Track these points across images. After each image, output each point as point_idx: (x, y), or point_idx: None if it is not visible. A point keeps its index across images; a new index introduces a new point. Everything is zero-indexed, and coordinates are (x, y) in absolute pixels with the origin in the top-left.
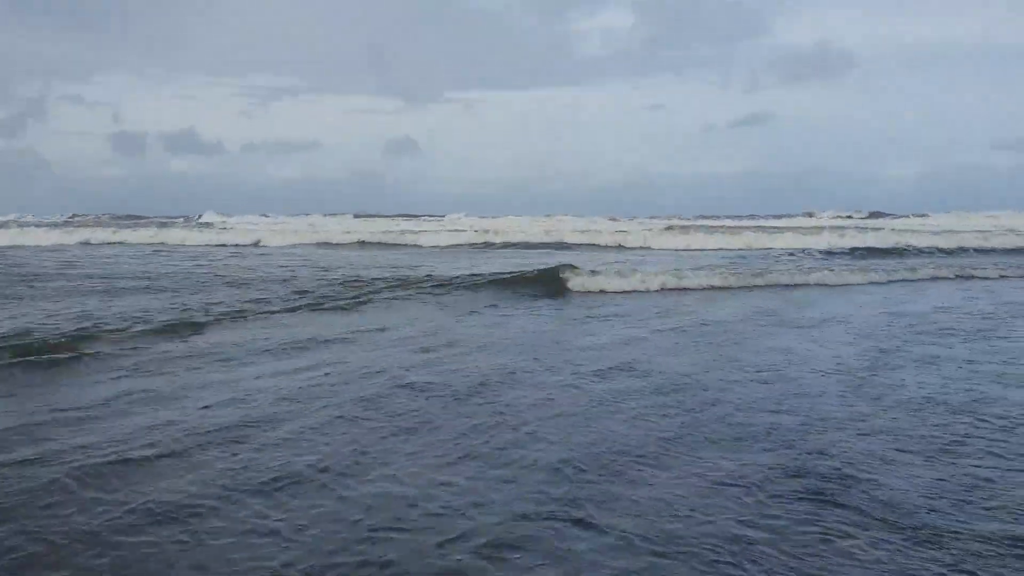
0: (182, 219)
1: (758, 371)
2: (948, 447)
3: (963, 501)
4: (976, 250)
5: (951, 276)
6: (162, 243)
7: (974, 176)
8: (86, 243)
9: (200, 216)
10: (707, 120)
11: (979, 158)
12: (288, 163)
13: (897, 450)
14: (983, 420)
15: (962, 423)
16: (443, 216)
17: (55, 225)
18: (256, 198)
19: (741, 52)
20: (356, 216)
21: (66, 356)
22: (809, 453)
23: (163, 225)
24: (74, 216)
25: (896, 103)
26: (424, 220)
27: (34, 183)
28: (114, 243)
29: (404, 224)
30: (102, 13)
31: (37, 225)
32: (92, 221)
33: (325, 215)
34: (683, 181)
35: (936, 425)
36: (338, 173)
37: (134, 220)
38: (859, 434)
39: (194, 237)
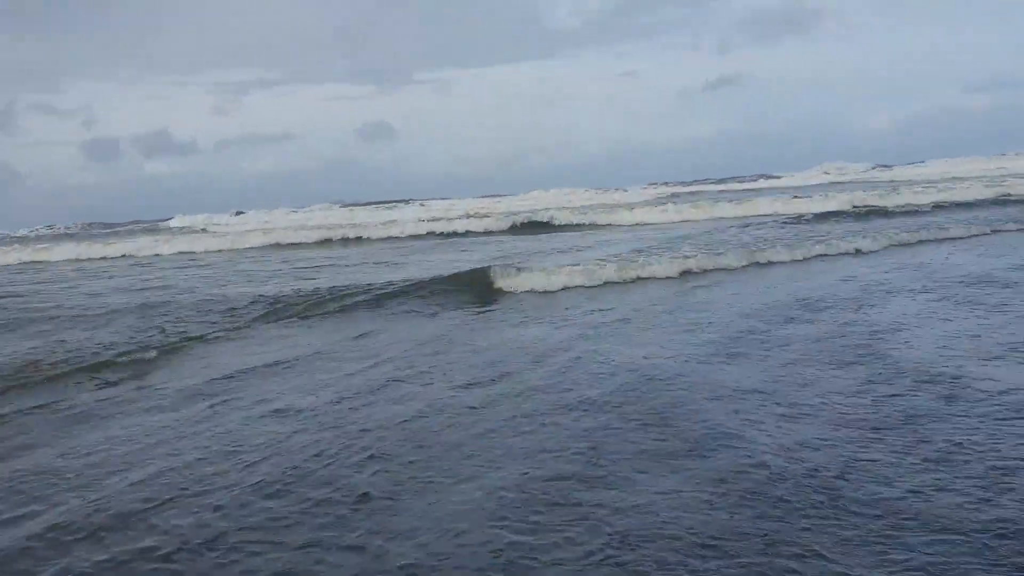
0: (171, 220)
1: (592, 377)
2: (588, 451)
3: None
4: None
5: (911, 242)
6: (127, 255)
7: (951, 120)
8: (38, 263)
9: (169, 220)
10: (682, 84)
11: (954, 101)
12: (264, 157)
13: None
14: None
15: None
16: (423, 201)
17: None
18: (234, 194)
19: (711, 13)
20: (343, 205)
21: None
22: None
23: (131, 233)
24: (50, 227)
25: (867, 52)
26: (399, 207)
27: (6, 196)
28: (73, 260)
29: (381, 214)
30: (66, 16)
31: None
32: (57, 233)
33: (293, 210)
34: (665, 146)
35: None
36: (316, 163)
37: (108, 228)
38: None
39: (152, 247)
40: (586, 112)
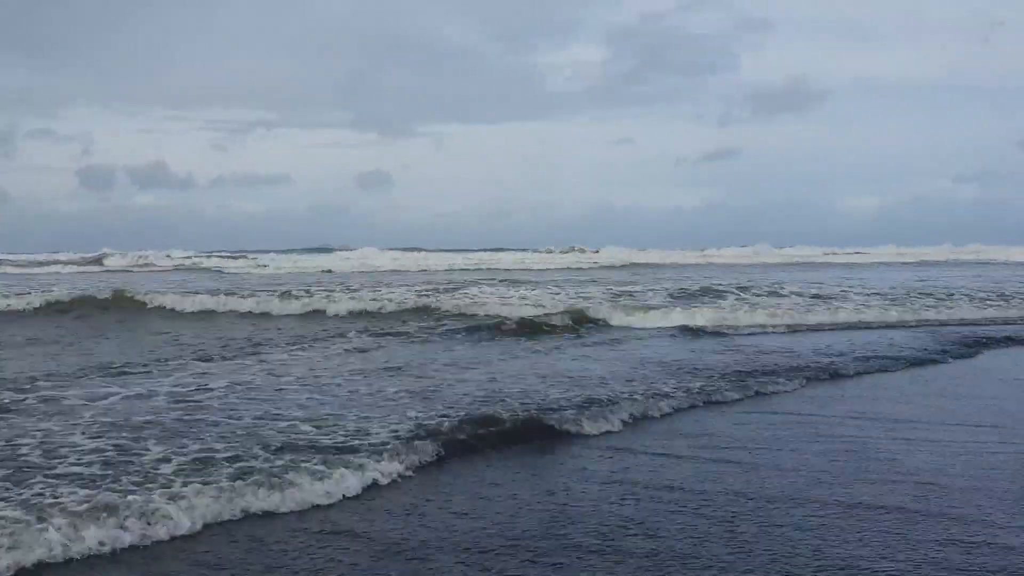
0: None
1: None
2: None
3: None
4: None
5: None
6: None
7: (938, 208)
8: None
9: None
10: (678, 154)
11: (942, 191)
12: (259, 196)
13: None
14: None
15: None
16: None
17: None
18: (226, 232)
19: (710, 87)
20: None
21: None
22: None
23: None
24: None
25: (864, 137)
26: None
27: None
28: None
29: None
30: (71, 46)
31: None
32: None
33: (231, 253)
34: (655, 214)
35: None
36: (310, 206)
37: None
38: None
39: None
40: (579, 174)
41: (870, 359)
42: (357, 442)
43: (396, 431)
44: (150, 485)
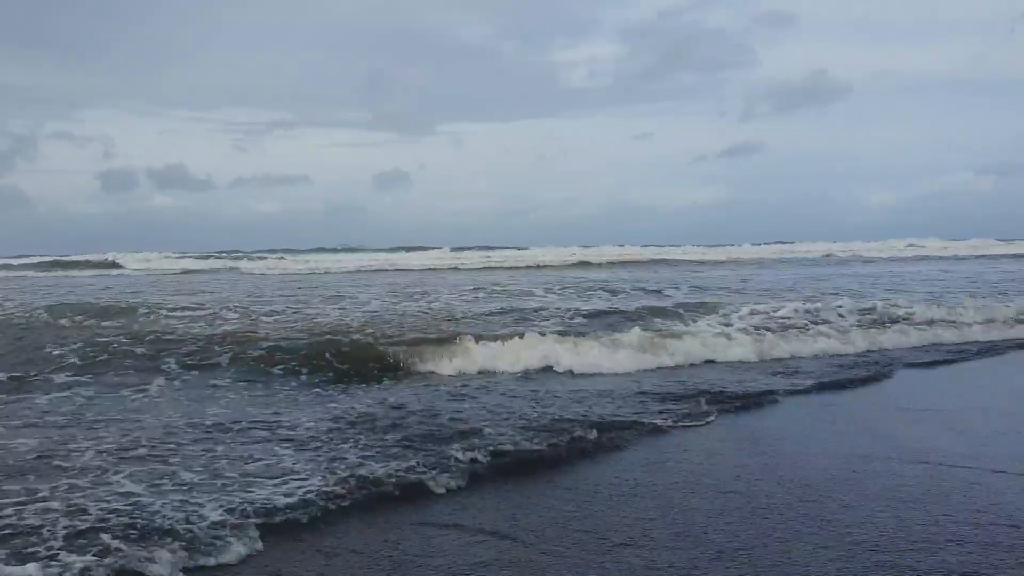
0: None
1: None
2: None
3: None
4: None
5: None
6: None
7: (960, 201)
8: None
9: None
10: (696, 150)
11: (964, 184)
12: (279, 197)
13: None
14: None
15: None
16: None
17: None
18: (245, 233)
19: (729, 83)
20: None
21: None
22: None
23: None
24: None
25: (884, 131)
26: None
27: (15, 222)
28: None
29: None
30: (91, 47)
31: None
32: None
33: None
34: (672, 210)
35: None
36: (329, 206)
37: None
38: None
39: None
40: (598, 171)
41: None
42: None
43: None
44: None
